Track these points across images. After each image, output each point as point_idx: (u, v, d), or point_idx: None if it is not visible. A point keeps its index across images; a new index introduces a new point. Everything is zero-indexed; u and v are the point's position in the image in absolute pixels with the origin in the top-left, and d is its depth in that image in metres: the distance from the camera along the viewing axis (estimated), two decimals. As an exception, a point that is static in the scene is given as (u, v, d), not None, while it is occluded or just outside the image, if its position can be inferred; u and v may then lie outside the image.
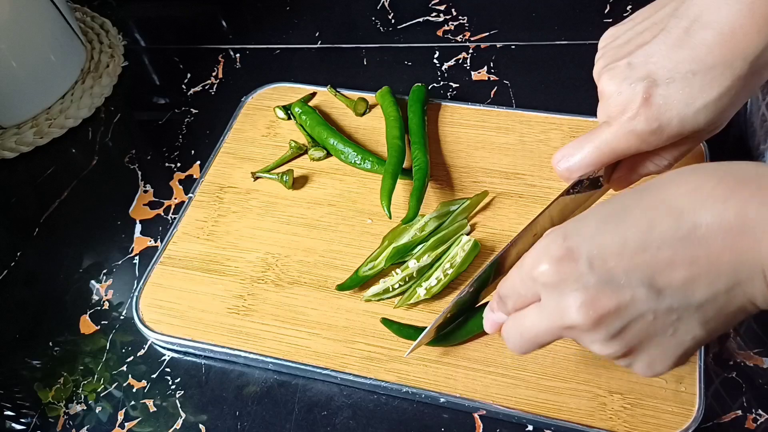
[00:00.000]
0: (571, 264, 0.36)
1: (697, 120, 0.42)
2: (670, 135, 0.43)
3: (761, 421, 0.48)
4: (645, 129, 0.43)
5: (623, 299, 0.35)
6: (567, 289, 0.36)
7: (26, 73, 0.72)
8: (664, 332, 0.36)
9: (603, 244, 0.35)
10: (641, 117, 0.42)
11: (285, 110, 0.69)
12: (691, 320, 0.35)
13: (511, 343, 0.41)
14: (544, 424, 0.48)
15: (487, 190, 0.60)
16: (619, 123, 0.43)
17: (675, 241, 0.34)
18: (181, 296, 0.57)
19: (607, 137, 0.44)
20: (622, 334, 0.36)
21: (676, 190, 0.35)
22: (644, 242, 0.34)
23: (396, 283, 0.55)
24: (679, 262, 0.34)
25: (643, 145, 0.44)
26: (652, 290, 0.34)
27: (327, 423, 0.51)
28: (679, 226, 0.34)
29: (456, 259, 0.55)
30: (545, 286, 0.37)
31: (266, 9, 0.84)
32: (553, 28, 0.76)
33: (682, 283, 0.34)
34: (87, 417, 0.53)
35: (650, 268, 0.34)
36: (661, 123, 0.42)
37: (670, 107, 0.42)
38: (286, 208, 0.62)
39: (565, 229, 0.37)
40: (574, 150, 0.46)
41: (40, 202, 0.68)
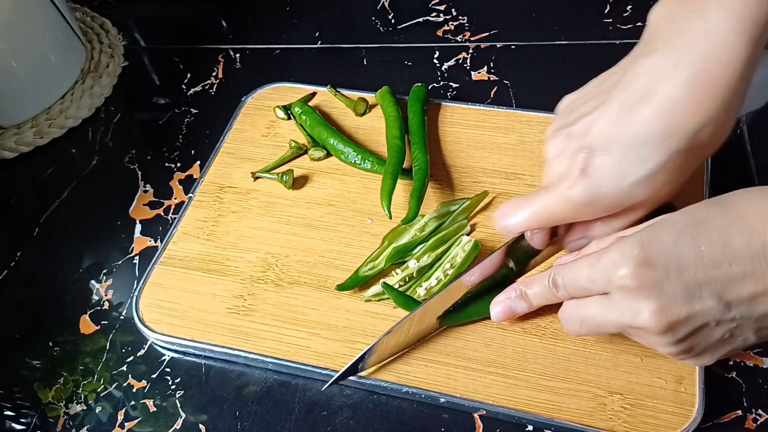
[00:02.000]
0: (650, 271, 0.38)
1: (633, 194, 0.42)
2: (606, 207, 0.43)
3: (761, 421, 0.48)
4: (580, 200, 0.43)
5: (694, 309, 0.38)
6: (642, 295, 0.38)
7: (26, 73, 0.72)
8: (721, 336, 0.39)
9: (680, 256, 0.37)
10: (577, 188, 0.43)
11: (285, 110, 0.69)
12: (748, 328, 0.38)
13: (570, 325, 0.44)
14: (544, 424, 0.48)
15: (487, 190, 0.60)
16: (556, 191, 0.44)
17: (746, 259, 0.36)
18: (181, 296, 0.57)
19: (546, 203, 0.45)
20: (687, 339, 0.39)
21: (750, 209, 0.37)
22: (718, 258, 0.37)
23: (396, 284, 0.55)
24: (748, 278, 0.37)
25: (579, 214, 0.44)
26: (722, 302, 0.37)
27: (327, 423, 0.51)
28: (750, 245, 0.36)
29: (456, 260, 0.55)
30: (621, 287, 0.39)
31: (266, 9, 0.84)
32: (553, 28, 0.76)
33: (749, 297, 0.37)
34: (87, 417, 0.53)
35: (722, 282, 0.37)
36: (597, 195, 0.42)
37: (605, 180, 0.42)
38: (286, 208, 0.62)
39: (642, 237, 0.39)
40: (513, 210, 0.46)
41: (40, 202, 0.68)
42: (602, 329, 0.42)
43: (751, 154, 0.62)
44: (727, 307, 0.37)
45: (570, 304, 0.44)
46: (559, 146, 0.44)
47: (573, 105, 0.46)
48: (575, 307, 0.43)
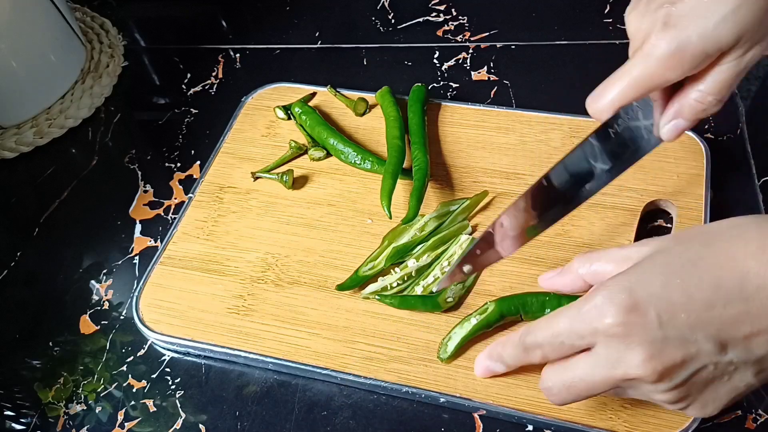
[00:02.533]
0: (639, 318, 0.36)
1: (718, 35, 0.40)
2: (693, 55, 0.41)
3: (761, 421, 0.48)
4: (665, 51, 0.41)
5: (689, 353, 0.36)
6: (632, 342, 0.36)
7: (26, 73, 0.72)
8: (720, 379, 0.37)
9: (671, 300, 0.36)
10: (661, 40, 0.41)
11: (285, 110, 0.69)
12: (747, 371, 0.37)
13: (555, 394, 0.41)
14: (544, 424, 0.48)
15: (487, 190, 0.60)
16: (641, 53, 0.42)
17: (740, 300, 0.35)
18: (181, 296, 0.57)
19: (633, 71, 0.42)
20: (684, 385, 0.37)
21: (743, 248, 0.36)
22: (711, 300, 0.36)
23: (394, 282, 0.55)
24: (743, 320, 0.35)
25: (668, 72, 0.41)
26: (717, 345, 0.36)
27: (327, 423, 0.51)
28: (744, 287, 0.35)
29: (454, 258, 0.55)
30: (608, 337, 0.37)
31: (266, 9, 0.84)
32: (553, 28, 0.76)
33: (745, 339, 0.36)
34: (87, 417, 0.53)
35: (716, 324, 0.36)
36: (680, 42, 0.40)
37: (687, 25, 0.40)
38: (286, 208, 0.62)
39: (628, 280, 0.37)
40: (603, 89, 0.44)
41: (40, 202, 0.68)
42: (593, 391, 0.40)
43: (751, 154, 0.62)
44: (722, 348, 0.36)
45: (550, 371, 0.41)
46: (640, 14, 0.43)
47: None
48: (558, 372, 0.41)
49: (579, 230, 0.57)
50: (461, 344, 0.51)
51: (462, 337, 0.51)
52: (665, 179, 0.59)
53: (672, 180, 0.59)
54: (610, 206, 0.58)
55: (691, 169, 0.60)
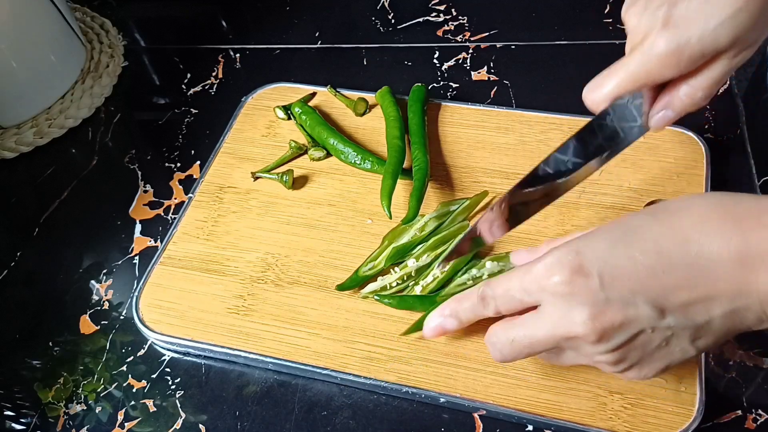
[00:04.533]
0: (583, 279, 0.38)
1: (716, 37, 0.41)
2: (691, 55, 0.42)
3: (761, 421, 0.48)
4: (664, 50, 0.42)
5: (628, 316, 0.38)
6: (575, 302, 0.38)
7: (26, 73, 0.72)
8: (658, 345, 0.39)
9: (614, 264, 0.38)
10: (660, 39, 0.42)
11: (285, 110, 0.69)
12: (684, 337, 0.39)
13: (498, 349, 0.43)
14: (544, 424, 0.48)
15: (487, 190, 0.60)
16: (640, 49, 0.43)
17: (681, 266, 0.37)
18: (181, 296, 0.57)
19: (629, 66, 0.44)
20: (622, 348, 0.39)
21: (687, 218, 0.37)
22: (653, 266, 0.37)
23: (394, 281, 0.55)
24: (682, 286, 0.37)
25: (665, 70, 0.43)
26: (656, 310, 0.38)
27: (327, 423, 0.51)
28: (686, 253, 0.37)
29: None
30: (554, 295, 0.39)
31: (266, 9, 0.84)
32: (553, 28, 0.76)
33: (683, 305, 0.37)
34: (87, 417, 0.53)
35: (656, 289, 0.37)
36: (680, 42, 0.42)
37: (688, 26, 0.41)
38: (286, 208, 0.62)
39: (577, 245, 0.39)
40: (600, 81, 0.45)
41: (40, 202, 0.68)
42: (534, 347, 0.42)
43: (751, 154, 0.62)
44: (661, 314, 0.38)
45: (498, 326, 0.43)
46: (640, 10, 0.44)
47: None
48: (504, 328, 0.43)
49: (579, 230, 0.57)
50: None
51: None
52: (665, 179, 0.59)
53: (672, 180, 0.59)
54: (609, 206, 0.58)
55: (691, 169, 0.60)
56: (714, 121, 0.65)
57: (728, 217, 0.37)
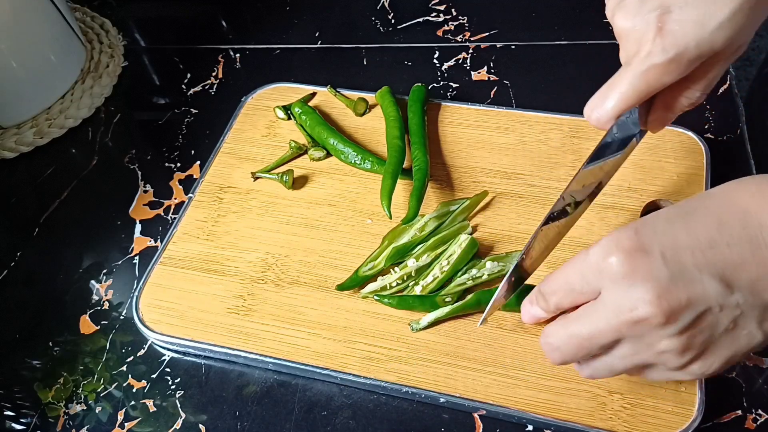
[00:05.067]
0: (644, 256, 0.36)
1: (714, 40, 0.41)
2: (690, 60, 0.42)
3: (761, 421, 0.48)
4: (663, 59, 0.42)
5: (695, 293, 0.36)
6: (638, 281, 0.36)
7: (26, 73, 0.72)
8: (725, 327, 0.37)
9: (675, 239, 0.36)
10: (658, 48, 0.42)
11: (285, 110, 0.69)
12: (751, 318, 0.36)
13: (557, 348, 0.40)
14: (544, 424, 0.48)
15: (487, 190, 0.60)
16: (638, 60, 0.43)
17: (743, 241, 0.35)
18: (181, 296, 0.57)
19: (629, 79, 0.43)
20: (691, 329, 0.36)
21: (743, 192, 0.36)
22: (714, 239, 0.36)
23: (394, 281, 0.55)
24: (749, 261, 0.35)
25: (665, 77, 0.43)
26: (723, 284, 0.36)
27: (327, 423, 0.51)
28: (747, 226, 0.35)
29: (453, 257, 0.55)
30: (614, 278, 0.37)
31: (266, 9, 0.84)
32: (553, 28, 0.76)
33: (751, 281, 0.35)
34: (87, 417, 0.53)
35: (721, 263, 0.36)
36: (678, 49, 0.41)
37: (685, 32, 0.41)
38: (286, 208, 0.62)
39: (634, 225, 0.37)
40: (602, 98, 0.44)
41: (40, 202, 0.68)
42: (595, 339, 0.38)
43: (751, 154, 0.62)
44: (729, 288, 0.35)
45: (554, 324, 0.40)
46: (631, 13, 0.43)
47: None
48: (562, 324, 0.40)
49: (579, 230, 0.57)
50: (435, 323, 0.53)
51: (437, 317, 0.53)
52: (665, 179, 0.59)
53: (672, 180, 0.59)
54: (610, 206, 0.58)
55: (691, 169, 0.60)
56: (714, 121, 0.65)
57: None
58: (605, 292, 0.37)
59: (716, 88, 0.67)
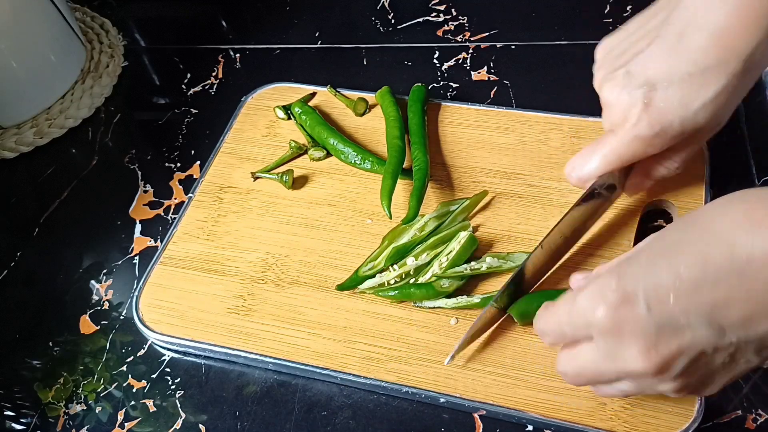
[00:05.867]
0: (628, 307, 0.35)
1: (697, 119, 0.44)
2: (673, 136, 0.44)
3: (761, 421, 0.48)
4: (648, 133, 0.44)
5: (685, 341, 0.35)
6: (626, 335, 0.36)
7: (26, 73, 0.72)
8: (721, 363, 0.36)
9: (658, 283, 0.34)
10: (643, 122, 0.44)
11: (285, 110, 0.69)
12: (749, 350, 0.35)
13: (570, 380, 0.43)
14: (544, 424, 0.48)
15: (486, 189, 0.60)
16: (623, 130, 0.45)
17: (731, 275, 0.33)
18: (181, 296, 0.57)
19: (613, 145, 0.46)
20: (685, 374, 0.36)
21: (728, 220, 0.34)
22: (699, 279, 0.33)
23: (392, 279, 0.55)
24: (737, 298, 0.33)
25: (648, 148, 0.46)
26: (713, 328, 0.34)
27: (327, 423, 0.51)
28: (734, 260, 0.33)
29: (452, 254, 0.55)
30: (602, 332, 0.37)
31: (266, 9, 0.84)
32: (553, 28, 0.76)
33: (743, 318, 0.34)
34: (87, 417, 0.53)
35: (708, 305, 0.34)
36: (663, 125, 0.44)
37: (670, 110, 0.43)
38: (286, 208, 0.62)
39: (618, 269, 0.36)
40: (584, 160, 0.48)
41: (40, 202, 0.68)
42: (602, 378, 0.40)
43: (751, 154, 0.62)
44: (719, 330, 0.34)
45: (563, 356, 0.42)
46: (618, 87, 0.45)
47: (619, 48, 0.48)
48: (568, 359, 0.41)
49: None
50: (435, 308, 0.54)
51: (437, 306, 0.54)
52: (665, 179, 0.59)
53: (672, 180, 0.59)
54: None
55: (691, 169, 0.59)
56: (714, 121, 0.65)
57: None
58: (597, 342, 0.38)
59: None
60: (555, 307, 0.41)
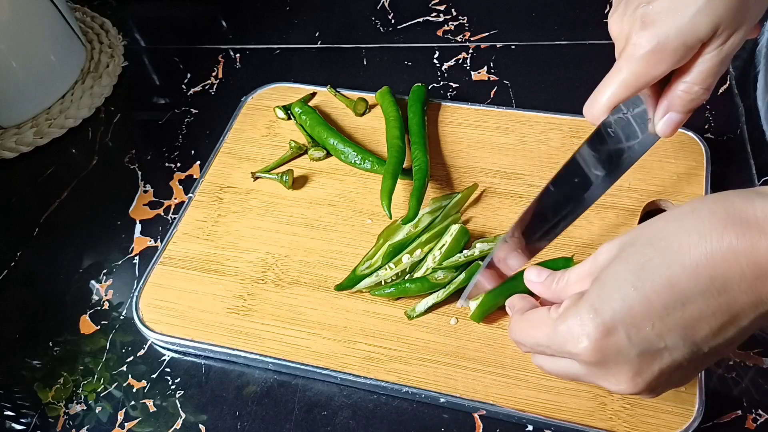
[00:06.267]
0: (610, 339, 0.36)
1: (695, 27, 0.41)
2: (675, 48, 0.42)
3: (761, 421, 0.48)
4: (646, 50, 0.42)
5: (665, 362, 0.37)
6: (610, 365, 0.37)
7: (26, 73, 0.72)
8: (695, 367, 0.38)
9: (633, 312, 0.36)
10: (640, 40, 0.42)
11: (285, 110, 0.69)
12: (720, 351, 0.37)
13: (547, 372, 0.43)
14: (544, 424, 0.48)
15: (476, 183, 0.60)
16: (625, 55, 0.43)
17: (697, 296, 0.35)
18: (181, 296, 0.57)
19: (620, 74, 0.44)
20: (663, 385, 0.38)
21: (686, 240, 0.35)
22: (669, 304, 0.35)
23: (390, 277, 0.55)
24: (706, 316, 0.35)
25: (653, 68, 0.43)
26: (688, 344, 0.36)
27: (327, 423, 0.51)
28: (698, 281, 0.35)
29: (444, 247, 0.55)
30: (586, 362, 0.38)
31: (266, 9, 0.84)
32: (553, 28, 0.76)
33: (713, 332, 0.36)
34: (87, 417, 0.53)
35: (681, 324, 0.36)
36: (660, 38, 0.42)
37: (664, 21, 0.41)
38: (286, 208, 0.62)
39: (591, 302, 0.37)
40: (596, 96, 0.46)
41: (40, 202, 0.68)
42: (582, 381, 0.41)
43: (751, 154, 0.62)
44: (695, 346, 0.36)
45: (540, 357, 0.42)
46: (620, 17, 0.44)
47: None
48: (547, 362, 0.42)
49: (579, 230, 0.57)
50: (432, 308, 0.54)
51: (434, 301, 0.54)
52: (665, 179, 0.59)
53: (672, 180, 0.59)
54: (610, 206, 0.58)
55: (691, 169, 0.60)
56: (714, 121, 0.65)
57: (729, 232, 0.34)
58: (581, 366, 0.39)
59: (716, 88, 0.67)
60: (531, 325, 0.41)
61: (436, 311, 0.54)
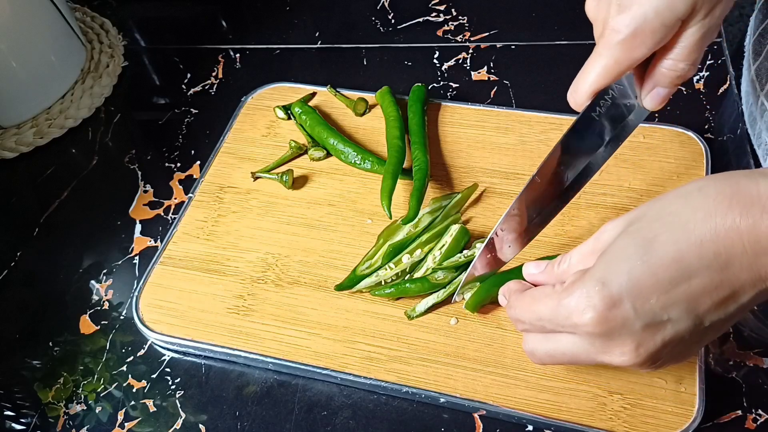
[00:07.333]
0: (616, 310, 0.37)
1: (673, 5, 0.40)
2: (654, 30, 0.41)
3: (761, 421, 0.48)
4: (624, 35, 0.41)
5: (667, 334, 0.37)
6: (615, 336, 0.38)
7: (26, 73, 0.72)
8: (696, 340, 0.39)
9: (640, 285, 0.37)
10: (618, 25, 0.42)
11: (285, 110, 0.69)
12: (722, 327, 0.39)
13: (537, 359, 0.43)
14: (544, 424, 0.48)
15: (476, 183, 0.60)
16: (604, 41, 0.43)
17: (702, 270, 0.36)
18: (181, 296, 0.57)
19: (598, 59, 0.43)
20: (665, 358, 0.39)
21: (692, 217, 0.36)
22: (675, 277, 0.36)
23: (390, 277, 0.55)
24: (709, 290, 0.36)
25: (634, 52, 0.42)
26: (691, 317, 0.37)
27: (327, 423, 0.51)
28: (703, 257, 0.36)
29: (444, 247, 0.55)
30: (590, 333, 0.38)
31: (266, 9, 0.84)
32: (553, 28, 0.76)
33: (715, 306, 0.37)
34: (87, 417, 0.53)
35: (685, 298, 0.37)
36: (638, 22, 0.41)
37: (641, 3, 0.41)
38: (286, 208, 0.62)
39: (599, 274, 0.38)
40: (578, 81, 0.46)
41: (40, 202, 0.68)
42: (575, 363, 0.42)
43: (751, 155, 0.62)
44: (697, 319, 0.37)
45: (534, 338, 0.42)
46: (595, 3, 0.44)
47: None
48: (542, 341, 0.42)
49: (579, 230, 0.57)
50: (432, 308, 0.54)
51: (434, 302, 0.53)
52: (665, 179, 0.59)
53: (672, 180, 0.59)
54: (610, 206, 0.58)
55: (691, 169, 0.60)
56: (714, 121, 0.65)
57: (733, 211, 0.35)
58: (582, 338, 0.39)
59: (716, 89, 0.67)
60: (533, 300, 0.41)
61: (436, 311, 0.54)
